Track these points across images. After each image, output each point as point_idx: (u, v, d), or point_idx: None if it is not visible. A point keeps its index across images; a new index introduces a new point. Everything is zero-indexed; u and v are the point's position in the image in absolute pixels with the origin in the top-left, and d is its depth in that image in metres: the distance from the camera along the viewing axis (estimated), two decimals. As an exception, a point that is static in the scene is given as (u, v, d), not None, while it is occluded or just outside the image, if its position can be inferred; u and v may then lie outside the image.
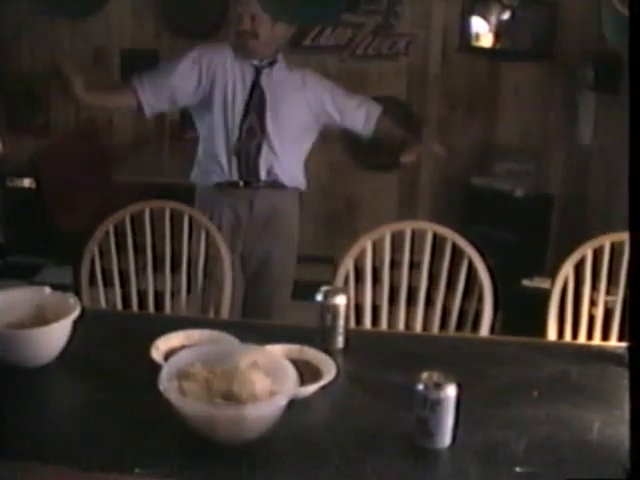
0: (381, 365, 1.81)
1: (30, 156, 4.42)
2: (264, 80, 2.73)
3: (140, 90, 2.71)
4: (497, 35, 4.40)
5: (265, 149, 2.73)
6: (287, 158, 2.78)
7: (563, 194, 4.47)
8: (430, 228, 2.30)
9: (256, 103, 2.71)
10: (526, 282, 3.47)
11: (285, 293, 2.93)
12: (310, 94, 2.77)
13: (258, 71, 2.73)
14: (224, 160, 2.73)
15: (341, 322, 1.85)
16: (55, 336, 1.73)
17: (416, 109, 4.65)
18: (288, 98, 2.74)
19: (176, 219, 2.44)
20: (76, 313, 1.74)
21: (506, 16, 4.36)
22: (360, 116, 2.85)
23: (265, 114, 2.72)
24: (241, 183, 2.75)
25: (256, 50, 2.69)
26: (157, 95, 2.72)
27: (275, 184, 2.78)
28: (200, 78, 2.70)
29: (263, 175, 2.75)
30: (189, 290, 2.43)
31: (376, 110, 2.88)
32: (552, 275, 2.24)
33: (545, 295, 2.22)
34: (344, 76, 4.60)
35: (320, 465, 1.41)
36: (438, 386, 1.43)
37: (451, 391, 1.44)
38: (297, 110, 2.76)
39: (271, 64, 2.74)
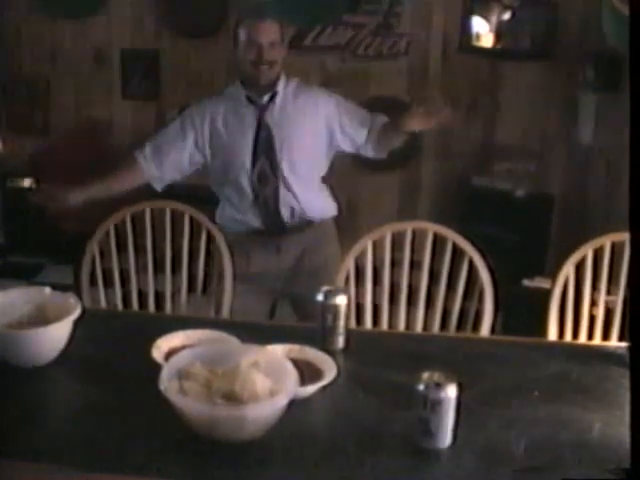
0: (381, 365, 1.81)
1: (30, 156, 4.42)
2: (268, 117, 2.53)
3: (146, 168, 2.58)
4: (497, 35, 4.40)
5: (282, 192, 2.56)
6: (307, 193, 2.61)
7: (563, 194, 4.47)
8: (431, 228, 2.30)
9: (263, 145, 2.53)
10: (526, 282, 3.47)
11: None
12: (322, 121, 2.58)
13: (261, 110, 2.54)
14: (243, 211, 2.59)
15: (341, 322, 1.85)
16: (55, 336, 1.73)
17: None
18: (298, 130, 2.56)
19: (176, 219, 2.44)
20: (76, 313, 1.74)
21: (506, 16, 4.35)
22: (367, 139, 2.63)
23: (275, 154, 2.53)
24: (266, 231, 2.60)
25: (268, 78, 2.50)
26: (163, 169, 2.58)
27: (302, 225, 2.62)
28: (197, 143, 2.56)
29: (287, 219, 2.59)
30: (189, 290, 2.42)
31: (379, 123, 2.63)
32: (552, 275, 2.24)
33: (545, 295, 2.22)
34: (344, 76, 4.61)
35: (320, 465, 1.41)
36: (438, 386, 1.44)
37: (451, 391, 1.44)
38: (309, 140, 2.59)
39: (272, 97, 2.54)
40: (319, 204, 2.68)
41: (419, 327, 2.28)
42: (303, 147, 2.58)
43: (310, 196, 2.63)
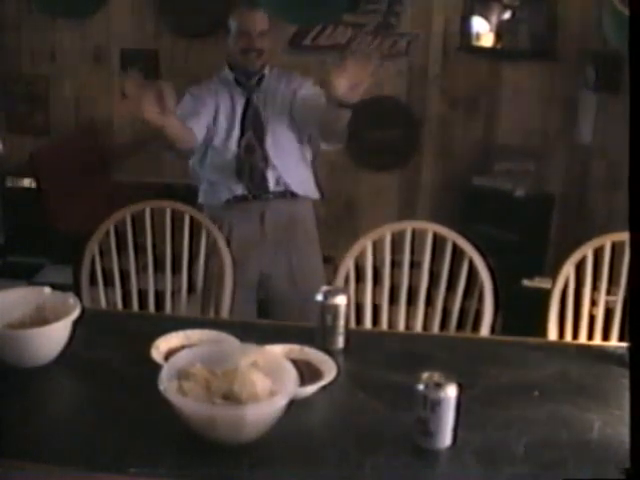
0: (381, 365, 1.81)
1: (30, 156, 4.41)
2: (255, 97, 2.74)
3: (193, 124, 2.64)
4: (498, 35, 4.40)
5: (271, 161, 2.73)
6: (292, 169, 2.77)
7: (563, 194, 4.47)
8: (430, 228, 2.30)
9: (251, 120, 2.72)
10: (526, 282, 3.47)
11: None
12: (299, 102, 2.73)
13: (249, 92, 2.74)
14: (229, 178, 2.73)
15: (341, 322, 1.85)
16: (55, 336, 1.73)
17: (416, 109, 4.65)
18: (282, 106, 2.73)
19: (176, 219, 2.44)
20: (76, 313, 1.74)
21: (507, 16, 4.36)
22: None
23: (262, 129, 2.72)
24: (250, 196, 2.75)
25: (257, 64, 2.70)
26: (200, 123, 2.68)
27: (286, 194, 2.77)
28: (202, 111, 2.70)
29: (272, 186, 2.75)
30: (189, 290, 2.42)
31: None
32: (553, 275, 2.24)
33: (545, 295, 2.22)
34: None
35: (320, 465, 1.41)
36: (438, 386, 1.43)
37: (451, 391, 1.44)
38: (288, 119, 2.74)
39: (259, 81, 2.74)
40: (301, 179, 2.81)
41: (419, 327, 2.28)
42: (284, 125, 2.73)
43: (292, 171, 2.77)
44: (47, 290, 1.86)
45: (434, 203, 4.75)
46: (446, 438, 1.45)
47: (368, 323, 2.27)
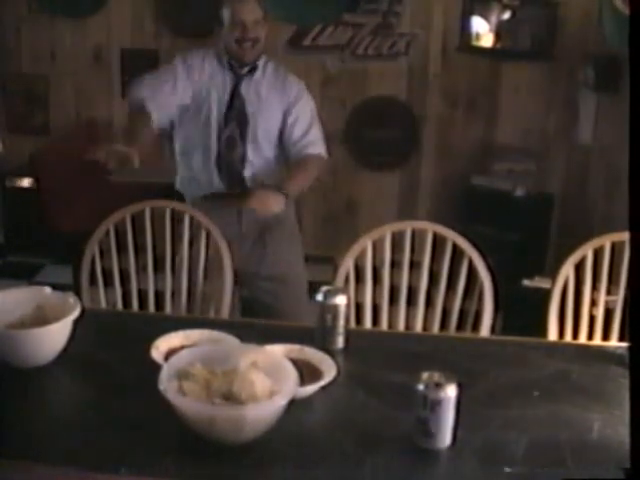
0: (381, 365, 1.81)
1: (30, 156, 4.42)
2: (244, 88, 2.66)
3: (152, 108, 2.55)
4: (497, 35, 4.40)
5: (248, 158, 2.67)
6: (271, 164, 2.72)
7: (563, 194, 4.47)
8: (430, 228, 2.30)
9: (236, 112, 2.65)
10: (526, 282, 3.47)
11: (302, 297, 2.79)
12: (285, 104, 2.68)
13: (238, 79, 2.67)
14: (206, 172, 2.68)
15: (341, 322, 1.85)
16: (55, 336, 1.73)
17: (416, 109, 4.65)
18: (269, 105, 2.68)
19: (176, 219, 2.44)
20: (76, 313, 1.74)
21: (506, 16, 4.36)
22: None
23: (246, 123, 2.65)
24: (227, 193, 2.69)
25: (252, 56, 2.63)
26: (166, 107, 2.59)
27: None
28: (190, 83, 2.62)
29: (249, 182, 2.69)
30: (189, 290, 2.42)
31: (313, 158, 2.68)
32: (552, 275, 2.24)
33: (545, 295, 2.22)
34: (344, 76, 4.61)
35: (320, 465, 1.41)
36: (438, 386, 1.43)
37: (451, 391, 1.44)
38: (275, 120, 2.69)
39: (251, 71, 2.67)
40: (279, 177, 2.71)
41: (419, 327, 2.27)
42: (271, 122, 2.69)
43: (274, 167, 2.73)
44: (47, 290, 1.86)
45: (434, 203, 4.75)
46: (446, 438, 1.45)
47: (368, 323, 2.27)
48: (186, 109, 2.66)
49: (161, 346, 1.76)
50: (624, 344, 1.98)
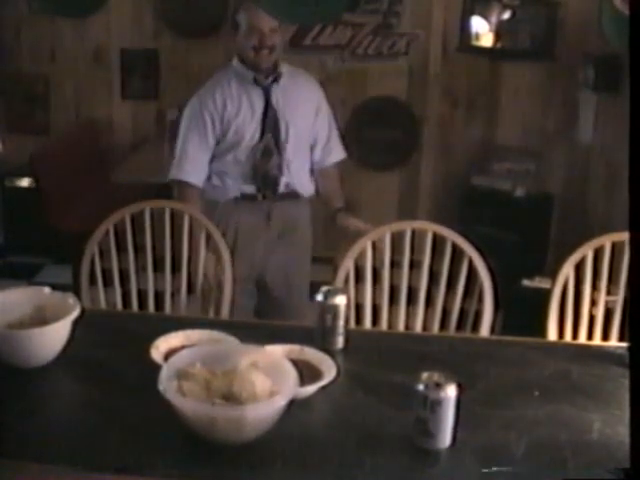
0: (381, 365, 1.81)
1: (30, 156, 4.41)
2: (274, 98, 2.70)
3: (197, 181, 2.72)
4: (497, 35, 4.40)
5: (284, 166, 2.72)
6: (300, 169, 2.79)
7: (563, 194, 4.47)
8: (430, 228, 2.30)
9: (271, 123, 2.69)
10: (526, 282, 3.47)
11: (304, 297, 2.87)
12: (314, 103, 2.80)
13: (266, 91, 2.69)
14: (242, 179, 2.72)
15: (341, 322, 1.85)
16: (55, 336, 1.73)
17: (416, 109, 4.65)
18: (299, 110, 2.74)
19: (176, 219, 2.44)
20: (76, 313, 1.74)
21: (506, 16, 4.36)
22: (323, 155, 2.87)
23: (280, 132, 2.70)
24: (260, 196, 2.73)
25: (268, 62, 2.66)
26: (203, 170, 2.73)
27: (291, 195, 2.77)
28: (214, 126, 2.68)
29: (282, 189, 2.75)
30: (189, 290, 2.42)
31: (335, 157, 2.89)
32: (552, 275, 2.24)
33: (545, 295, 2.22)
34: (344, 76, 4.61)
35: (320, 465, 1.41)
36: (438, 386, 1.43)
37: (451, 391, 1.44)
38: (307, 121, 2.78)
39: (276, 79, 2.69)
40: (306, 181, 2.84)
41: (419, 327, 2.27)
42: (302, 127, 2.76)
43: (302, 171, 2.81)
44: (47, 290, 1.86)
45: (434, 203, 4.75)
46: (446, 438, 1.45)
47: (368, 323, 2.27)
48: (224, 131, 2.70)
49: (161, 346, 1.76)
50: (624, 344, 1.98)
